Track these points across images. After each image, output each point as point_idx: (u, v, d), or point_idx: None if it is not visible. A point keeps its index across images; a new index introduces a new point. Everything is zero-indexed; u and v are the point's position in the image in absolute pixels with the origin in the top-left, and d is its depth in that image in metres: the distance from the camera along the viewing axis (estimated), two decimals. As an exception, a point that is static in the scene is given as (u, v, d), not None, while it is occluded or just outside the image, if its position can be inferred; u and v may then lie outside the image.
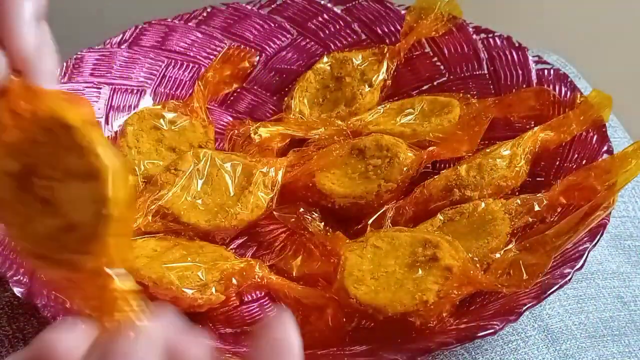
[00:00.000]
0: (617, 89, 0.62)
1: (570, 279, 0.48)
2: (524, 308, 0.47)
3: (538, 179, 0.58)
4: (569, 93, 0.61)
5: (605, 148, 0.57)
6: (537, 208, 0.54)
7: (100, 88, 0.63)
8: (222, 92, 0.67)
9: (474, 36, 0.65)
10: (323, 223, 0.55)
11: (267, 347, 0.30)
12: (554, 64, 0.64)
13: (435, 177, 0.57)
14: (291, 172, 0.58)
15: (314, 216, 0.56)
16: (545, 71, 0.62)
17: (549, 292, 0.47)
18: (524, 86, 0.62)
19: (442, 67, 0.66)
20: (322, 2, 0.69)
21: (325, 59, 0.66)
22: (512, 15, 1.00)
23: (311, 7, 0.69)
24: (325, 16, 0.69)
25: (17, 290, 0.46)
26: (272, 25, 0.69)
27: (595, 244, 0.50)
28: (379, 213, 0.56)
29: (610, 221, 0.51)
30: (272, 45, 0.69)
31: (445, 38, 0.66)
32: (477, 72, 0.64)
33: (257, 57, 0.68)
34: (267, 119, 0.65)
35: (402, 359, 0.45)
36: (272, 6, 0.69)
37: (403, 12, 0.68)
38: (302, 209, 0.56)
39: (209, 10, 0.68)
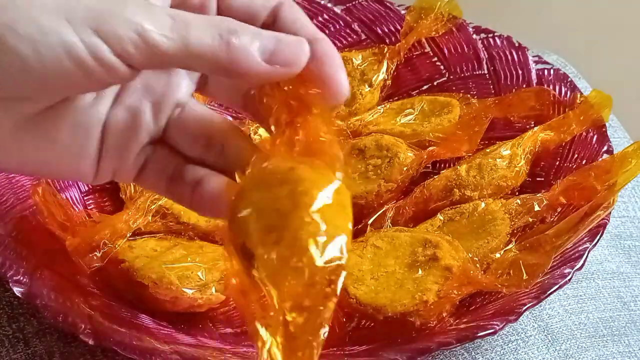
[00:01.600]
0: (617, 89, 0.62)
1: (570, 279, 0.48)
2: (524, 308, 0.46)
3: (538, 179, 0.58)
4: (569, 93, 0.61)
5: (605, 148, 0.57)
6: (537, 208, 0.54)
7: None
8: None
9: (474, 36, 0.65)
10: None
11: None
12: (554, 64, 0.63)
13: (435, 177, 0.57)
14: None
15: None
16: (545, 71, 0.62)
17: (549, 292, 0.47)
18: (524, 86, 0.62)
19: (442, 67, 0.66)
20: (322, 2, 0.69)
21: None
22: (512, 15, 1.01)
23: (311, 7, 0.68)
24: (325, 16, 0.68)
25: (17, 290, 0.46)
26: (272, 25, 0.68)
27: (595, 244, 0.50)
28: (379, 213, 0.56)
29: (610, 221, 0.51)
30: (272, 45, 0.68)
31: (445, 38, 0.66)
32: (477, 72, 0.64)
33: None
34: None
35: (402, 359, 0.45)
36: (272, 6, 0.68)
37: (403, 12, 0.67)
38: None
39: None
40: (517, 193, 0.57)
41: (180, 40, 0.33)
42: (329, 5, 0.68)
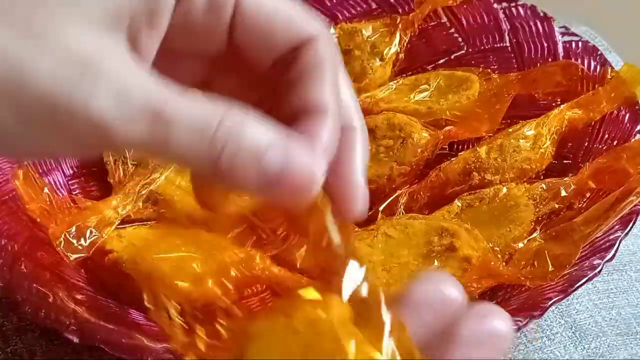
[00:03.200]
0: (651, 63, 0.63)
1: (600, 270, 0.47)
2: (550, 303, 0.46)
3: (565, 161, 0.57)
4: (598, 67, 0.60)
5: (638, 127, 0.56)
6: (563, 193, 0.53)
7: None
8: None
9: (495, 5, 0.65)
10: (330, 209, 0.54)
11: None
12: (583, 35, 0.63)
13: (453, 159, 0.56)
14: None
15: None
16: (573, 43, 0.61)
17: (576, 286, 0.46)
18: (550, 60, 0.62)
19: (460, 39, 0.65)
20: (330, -31, 0.69)
21: (332, 31, 0.65)
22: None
23: (319, -25, 0.69)
24: (333, -17, 0.69)
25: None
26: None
27: (628, 232, 0.49)
28: (391, 199, 0.55)
29: (644, 207, 0.51)
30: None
31: (464, 7, 0.65)
32: (499, 45, 0.64)
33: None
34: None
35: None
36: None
37: (418, -22, 0.68)
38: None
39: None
40: (542, 177, 0.56)
41: (159, 143, 0.29)
42: (338, -29, 0.69)
